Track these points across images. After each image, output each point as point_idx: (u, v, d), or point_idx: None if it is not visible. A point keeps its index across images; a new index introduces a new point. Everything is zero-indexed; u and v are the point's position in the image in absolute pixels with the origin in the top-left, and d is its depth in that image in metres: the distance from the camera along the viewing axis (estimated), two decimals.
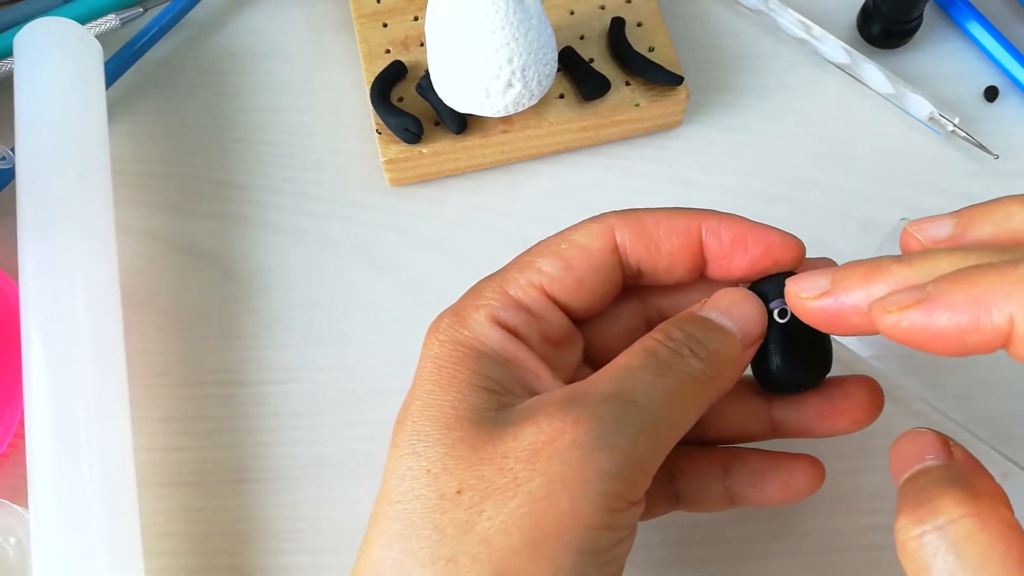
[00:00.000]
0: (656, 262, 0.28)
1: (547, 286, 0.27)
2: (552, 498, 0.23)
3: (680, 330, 0.26)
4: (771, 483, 0.29)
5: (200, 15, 0.44)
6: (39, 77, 0.37)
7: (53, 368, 0.33)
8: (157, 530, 0.34)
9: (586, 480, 0.23)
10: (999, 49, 0.42)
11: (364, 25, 0.41)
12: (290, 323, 0.38)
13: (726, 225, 0.28)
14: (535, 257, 0.28)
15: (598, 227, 0.28)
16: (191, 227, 0.39)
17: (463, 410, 0.25)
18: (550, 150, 0.40)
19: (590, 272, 0.27)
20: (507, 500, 0.23)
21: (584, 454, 0.23)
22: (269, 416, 0.36)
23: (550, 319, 0.28)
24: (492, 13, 0.34)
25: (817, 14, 0.43)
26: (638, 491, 0.24)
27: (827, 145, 0.41)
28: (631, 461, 0.23)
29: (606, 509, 0.23)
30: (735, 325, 0.26)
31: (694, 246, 0.28)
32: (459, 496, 0.23)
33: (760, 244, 0.28)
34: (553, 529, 0.22)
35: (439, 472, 0.24)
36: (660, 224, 0.28)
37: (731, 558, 0.34)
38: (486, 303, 0.27)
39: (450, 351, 0.26)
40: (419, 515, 0.24)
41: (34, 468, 0.32)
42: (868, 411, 0.29)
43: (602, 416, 0.23)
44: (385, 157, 0.38)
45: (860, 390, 0.29)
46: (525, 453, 0.23)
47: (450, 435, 0.24)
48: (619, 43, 0.40)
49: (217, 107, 0.42)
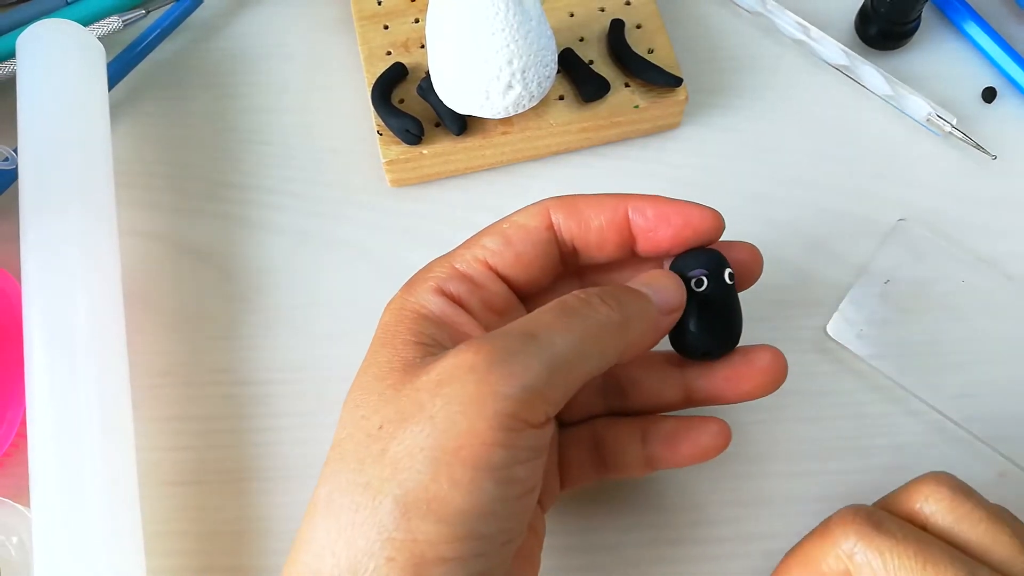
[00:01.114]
0: (587, 238, 0.30)
1: (489, 260, 0.30)
2: (450, 419, 0.24)
3: (597, 288, 0.28)
4: (682, 443, 0.31)
5: (202, 17, 0.44)
6: (42, 79, 0.37)
7: (55, 368, 0.33)
8: (158, 529, 0.34)
9: (481, 400, 0.24)
10: (997, 50, 0.42)
11: (365, 27, 0.41)
12: (292, 323, 0.38)
13: (650, 203, 0.30)
14: (480, 236, 0.31)
15: (535, 208, 0.31)
16: (193, 228, 0.40)
17: (396, 362, 0.27)
18: (550, 151, 0.40)
19: (528, 247, 0.30)
20: (414, 426, 0.25)
21: (479, 377, 0.25)
22: (270, 416, 0.36)
23: (491, 288, 0.30)
24: (492, 15, 0.34)
25: (815, 16, 0.43)
26: (535, 415, 0.25)
27: (825, 146, 0.41)
28: (524, 383, 0.25)
29: (501, 427, 0.24)
30: (653, 293, 0.29)
31: (621, 223, 0.30)
32: (380, 431, 0.25)
33: (680, 216, 0.30)
34: (451, 447, 0.24)
35: (369, 414, 0.26)
36: (591, 205, 0.30)
37: (728, 557, 0.34)
38: (433, 275, 0.30)
39: (394, 316, 0.29)
40: (350, 453, 0.26)
41: (36, 468, 0.32)
42: (771, 376, 0.31)
43: (500, 346, 0.25)
44: (386, 158, 0.38)
45: (763, 357, 0.31)
46: (432, 383, 0.25)
47: (382, 383, 0.26)
48: (619, 45, 0.40)
49: (219, 108, 0.42)
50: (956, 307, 0.37)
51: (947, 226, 0.39)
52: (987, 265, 0.38)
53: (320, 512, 0.26)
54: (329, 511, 0.25)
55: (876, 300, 0.37)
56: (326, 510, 0.25)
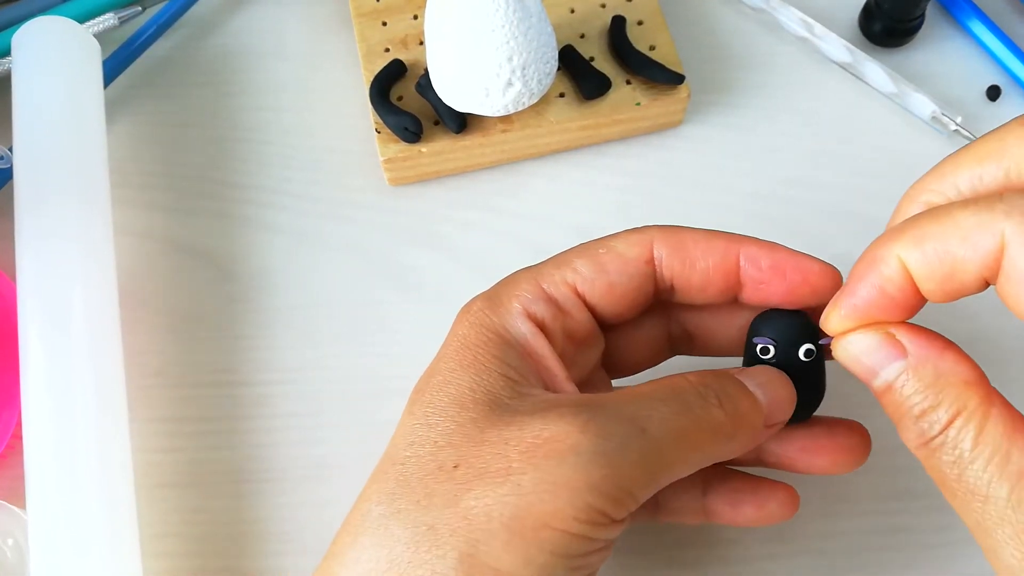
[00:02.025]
0: (690, 279, 0.28)
1: (580, 286, 0.28)
2: (537, 495, 0.23)
3: (716, 380, 0.26)
4: (746, 505, 0.29)
5: (198, 14, 0.44)
6: (37, 76, 0.37)
7: (51, 369, 0.33)
8: (155, 531, 0.34)
9: (575, 489, 0.23)
10: (1001, 48, 0.42)
11: (363, 24, 0.41)
12: (289, 323, 0.38)
13: (765, 252, 0.28)
14: (573, 257, 0.28)
15: (637, 237, 0.28)
16: (189, 226, 0.39)
17: (479, 392, 0.26)
18: (550, 149, 0.40)
19: (623, 278, 0.28)
20: (496, 485, 0.23)
21: (580, 463, 0.23)
22: (268, 416, 0.36)
23: (577, 317, 0.28)
24: (492, 11, 0.34)
25: (819, 12, 0.42)
26: (622, 512, 0.24)
27: (829, 144, 0.41)
28: (623, 484, 0.24)
29: (587, 521, 0.23)
30: (765, 400, 0.27)
31: (730, 268, 0.28)
32: (455, 470, 0.24)
33: (798, 273, 0.28)
34: (531, 524, 0.23)
35: (444, 445, 0.25)
36: (699, 243, 0.28)
37: (731, 559, 0.34)
38: (520, 294, 0.28)
39: (477, 333, 0.27)
40: (415, 479, 0.25)
41: (32, 469, 0.32)
42: (850, 454, 0.29)
43: (610, 432, 0.24)
44: (384, 156, 0.38)
45: (846, 432, 0.29)
46: (525, 445, 0.24)
47: (462, 413, 0.25)
48: (620, 41, 0.40)
49: (215, 106, 0.42)
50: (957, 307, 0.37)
51: None
52: None
53: (370, 533, 0.24)
54: (382, 537, 0.24)
55: None
56: (377, 534, 0.24)
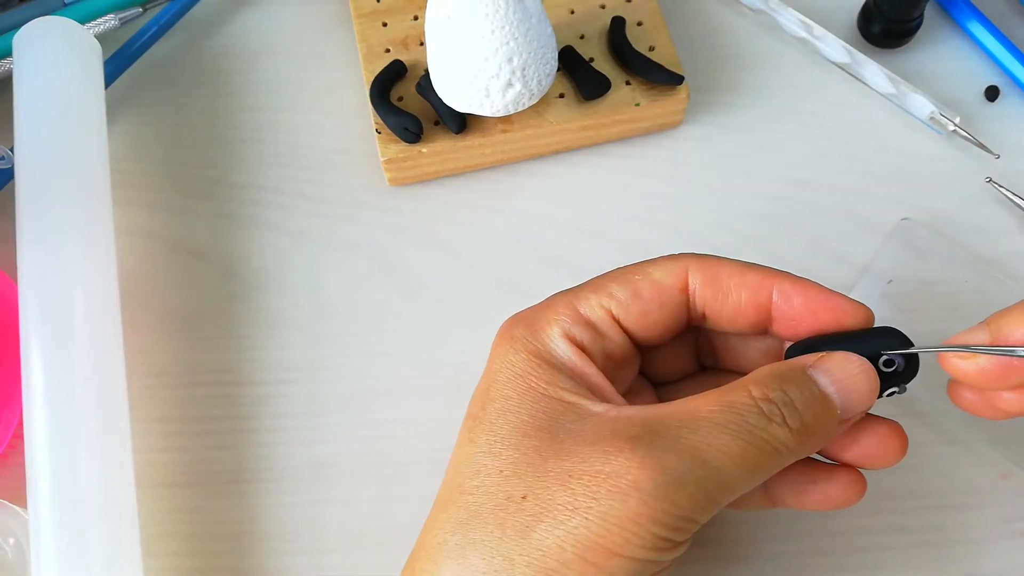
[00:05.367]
0: (721, 310, 0.29)
1: (615, 310, 0.29)
2: (605, 528, 0.24)
3: (780, 390, 0.26)
4: (810, 491, 0.29)
5: (199, 14, 0.44)
6: (38, 77, 0.37)
7: (52, 368, 0.33)
8: (156, 531, 0.34)
9: (639, 523, 0.24)
10: (1000, 48, 0.42)
11: (364, 24, 0.41)
12: (289, 323, 0.38)
13: (799, 289, 0.28)
14: (609, 281, 0.29)
15: (673, 266, 0.29)
16: (189, 226, 0.39)
17: (539, 419, 0.27)
18: (550, 150, 0.40)
19: (656, 305, 0.29)
20: (565, 519, 0.25)
21: (643, 500, 0.24)
22: (268, 416, 0.36)
23: (614, 339, 0.29)
24: (492, 12, 0.34)
25: (818, 13, 0.42)
26: (684, 536, 0.25)
27: (828, 145, 0.41)
28: (686, 515, 0.25)
29: (653, 548, 0.25)
30: (841, 399, 0.27)
31: (762, 303, 0.28)
32: (524, 501, 0.25)
33: (831, 313, 0.28)
34: (601, 554, 0.24)
35: (511, 475, 0.26)
36: (733, 276, 0.28)
37: (732, 559, 0.34)
38: (559, 318, 0.28)
39: (526, 360, 0.28)
40: (487, 510, 0.26)
41: (33, 469, 0.32)
42: (887, 451, 0.29)
43: (668, 467, 0.25)
44: (385, 157, 0.38)
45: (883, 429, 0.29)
46: (588, 478, 0.25)
47: (525, 442, 0.26)
48: (619, 42, 0.40)
49: (216, 106, 0.42)
50: (959, 307, 0.37)
51: (949, 226, 0.39)
52: (990, 265, 0.38)
53: (450, 563, 0.26)
54: (462, 567, 0.26)
55: (878, 300, 0.37)
56: (459, 565, 0.26)
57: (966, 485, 0.35)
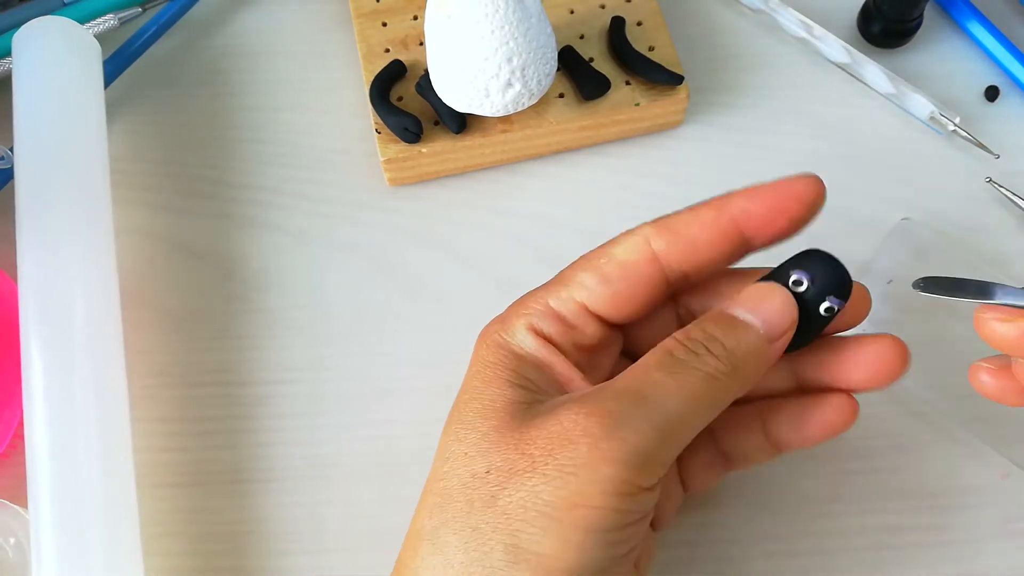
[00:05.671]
0: (697, 259, 0.29)
1: (586, 299, 0.29)
2: (562, 480, 0.25)
3: (700, 330, 0.28)
4: (809, 423, 0.30)
5: (199, 14, 0.44)
6: (38, 76, 0.37)
7: (52, 368, 0.33)
8: (156, 531, 0.34)
9: (594, 467, 0.25)
10: (1000, 49, 0.42)
11: (363, 24, 0.41)
12: (289, 323, 0.38)
13: (752, 200, 0.29)
14: (578, 271, 0.29)
15: (633, 240, 0.29)
16: (189, 226, 0.39)
17: (500, 403, 0.28)
18: (550, 150, 0.40)
19: (626, 285, 0.29)
20: (525, 480, 0.26)
21: (593, 443, 0.25)
22: (269, 416, 0.36)
23: (585, 330, 0.29)
24: (491, 12, 0.34)
25: (817, 13, 0.42)
26: (648, 478, 0.26)
27: (827, 145, 0.41)
28: (638, 450, 0.25)
29: (613, 492, 0.25)
30: (760, 320, 0.28)
31: (728, 230, 0.29)
32: (487, 475, 0.26)
33: (792, 202, 0.28)
34: (562, 506, 0.25)
35: (474, 455, 0.27)
36: (690, 223, 0.29)
37: (732, 559, 0.34)
38: (528, 312, 0.29)
39: (494, 353, 0.29)
40: (455, 490, 0.27)
41: (33, 468, 0.32)
42: (886, 366, 0.29)
43: (612, 410, 0.26)
44: (384, 157, 0.38)
45: (879, 344, 0.29)
46: (543, 440, 0.26)
47: (486, 423, 0.27)
48: (619, 42, 0.40)
49: (216, 106, 0.42)
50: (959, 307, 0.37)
51: (950, 225, 0.39)
52: (990, 265, 0.38)
53: (426, 544, 0.27)
54: (437, 546, 0.26)
55: (879, 300, 0.37)
56: (433, 544, 0.26)
57: (966, 485, 0.35)
